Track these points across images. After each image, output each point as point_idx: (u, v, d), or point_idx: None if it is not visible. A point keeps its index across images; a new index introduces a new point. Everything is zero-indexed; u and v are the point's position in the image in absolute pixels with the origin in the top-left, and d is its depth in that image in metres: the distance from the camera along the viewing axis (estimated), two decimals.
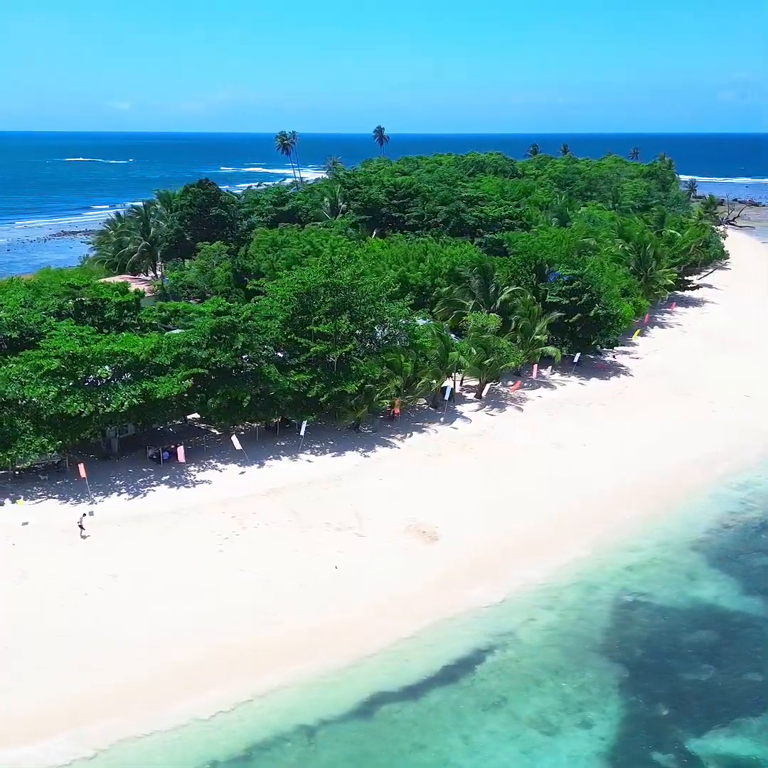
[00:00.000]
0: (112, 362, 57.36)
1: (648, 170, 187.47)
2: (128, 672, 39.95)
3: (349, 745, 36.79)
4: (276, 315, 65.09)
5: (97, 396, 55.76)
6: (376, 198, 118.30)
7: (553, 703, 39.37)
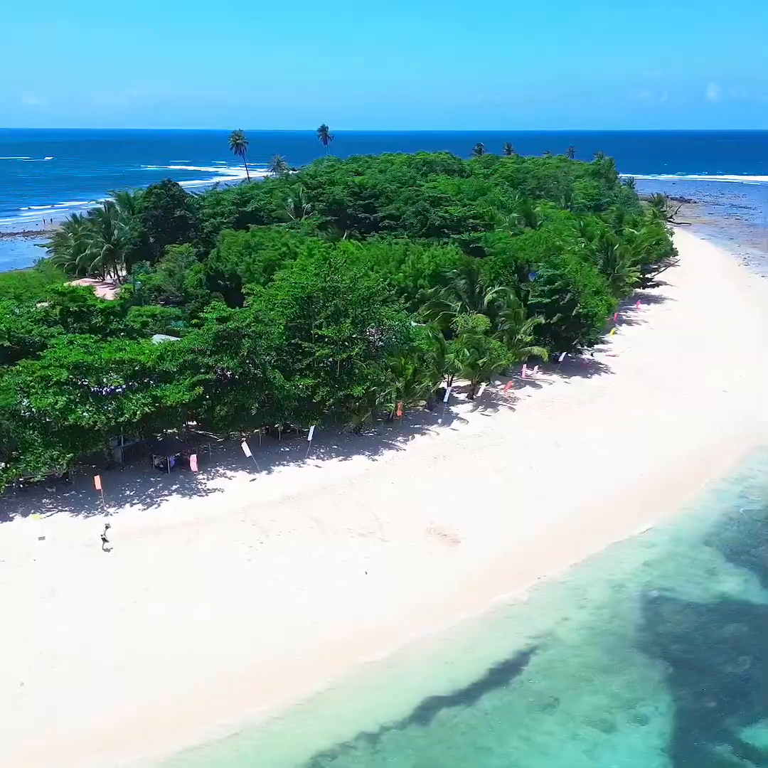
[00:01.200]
0: (120, 370, 56.28)
1: (593, 169, 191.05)
2: (180, 685, 39.59)
3: (415, 751, 36.98)
4: (276, 319, 64.66)
5: (108, 405, 54.75)
6: (341, 199, 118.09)
7: (605, 701, 40.13)
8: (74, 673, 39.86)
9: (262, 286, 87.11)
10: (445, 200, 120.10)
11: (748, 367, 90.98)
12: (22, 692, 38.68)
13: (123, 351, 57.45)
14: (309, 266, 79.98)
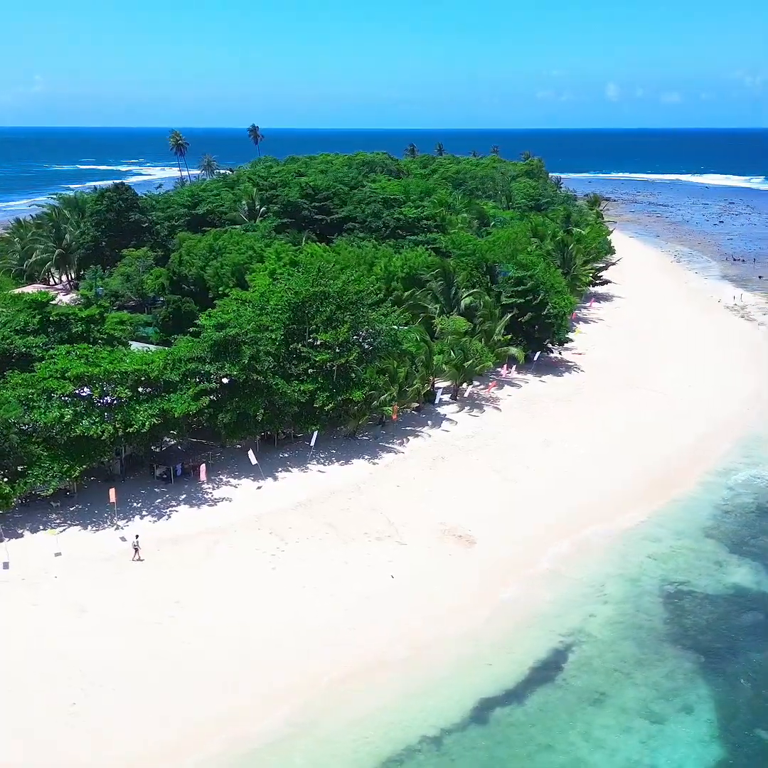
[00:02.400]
0: (125, 381, 55.26)
1: (526, 169, 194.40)
2: (235, 698, 39.29)
3: (479, 752, 37.56)
4: (270, 325, 64.27)
5: (115, 417, 53.78)
6: (295, 201, 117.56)
7: (649, 693, 41.34)
8: (121, 690, 39.23)
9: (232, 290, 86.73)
10: (396, 202, 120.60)
11: (705, 362, 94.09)
12: (75, 711, 37.96)
13: (123, 362, 56.38)
14: (279, 269, 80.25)
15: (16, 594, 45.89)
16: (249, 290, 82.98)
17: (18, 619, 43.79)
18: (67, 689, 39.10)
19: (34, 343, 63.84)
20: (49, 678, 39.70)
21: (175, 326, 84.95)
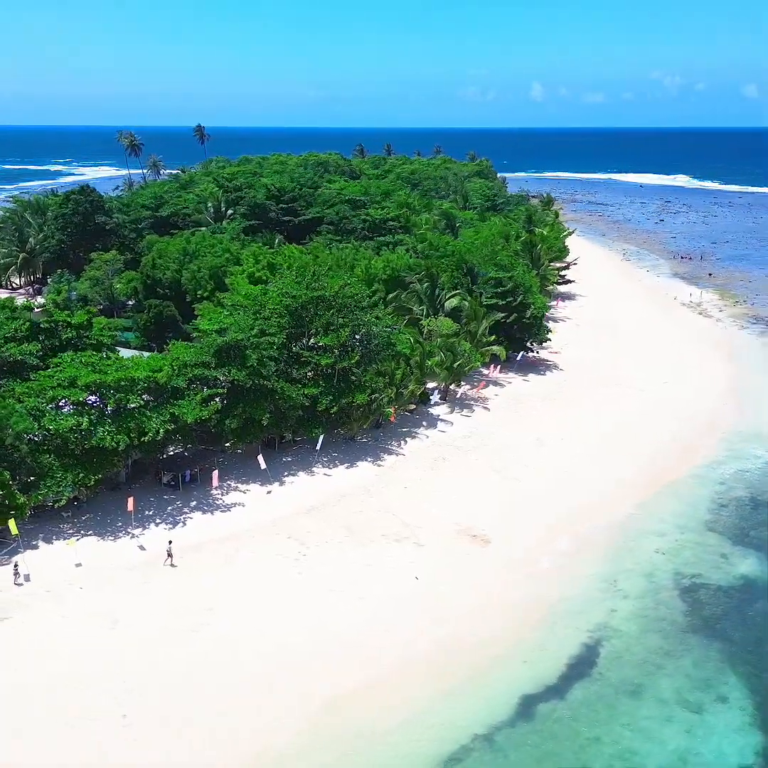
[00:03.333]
0: (135, 389, 54.65)
1: (477, 169, 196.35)
2: (283, 709, 39.37)
3: (531, 748, 38.32)
4: (270, 330, 63.99)
5: (128, 425, 53.17)
6: (262, 202, 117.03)
7: (682, 683, 42.62)
8: (167, 700, 39.07)
9: (211, 293, 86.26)
10: (362, 203, 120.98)
11: (674, 358, 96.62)
12: (127, 724, 37.64)
13: (131, 369, 55.74)
14: (258, 272, 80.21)
15: (43, 607, 45.24)
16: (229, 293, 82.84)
17: (51, 633, 43.21)
18: (116, 702, 38.74)
19: (28, 350, 62.66)
20: (96, 691, 39.26)
21: (157, 331, 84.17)
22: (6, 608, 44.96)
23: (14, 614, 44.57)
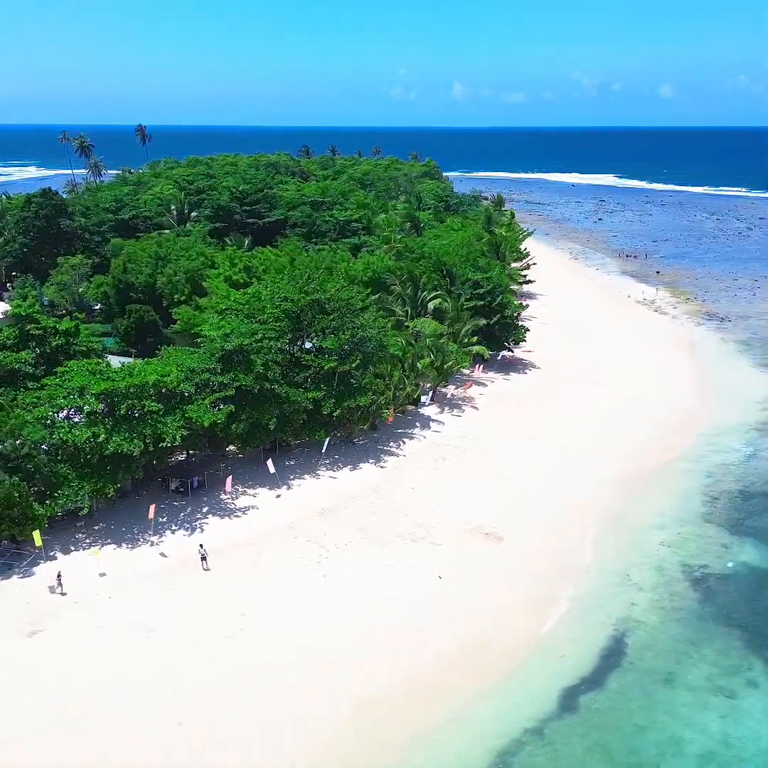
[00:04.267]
0: (147, 394, 54.25)
1: (425, 170, 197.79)
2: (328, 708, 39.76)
3: (580, 738, 39.45)
4: (267, 333, 64.02)
5: (143, 431, 52.81)
6: (227, 204, 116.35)
7: (711, 670, 44.25)
8: (218, 706, 39.19)
9: (188, 297, 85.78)
10: (324, 205, 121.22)
11: (640, 355, 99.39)
12: (182, 732, 37.64)
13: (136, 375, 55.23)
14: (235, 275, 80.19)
15: (76, 617, 44.88)
16: (208, 297, 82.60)
17: (89, 643, 42.95)
18: (169, 709, 38.72)
19: (23, 359, 61.76)
20: (150, 699, 39.18)
21: (138, 336, 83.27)
22: (36, 621, 44.46)
23: (47, 626, 44.15)
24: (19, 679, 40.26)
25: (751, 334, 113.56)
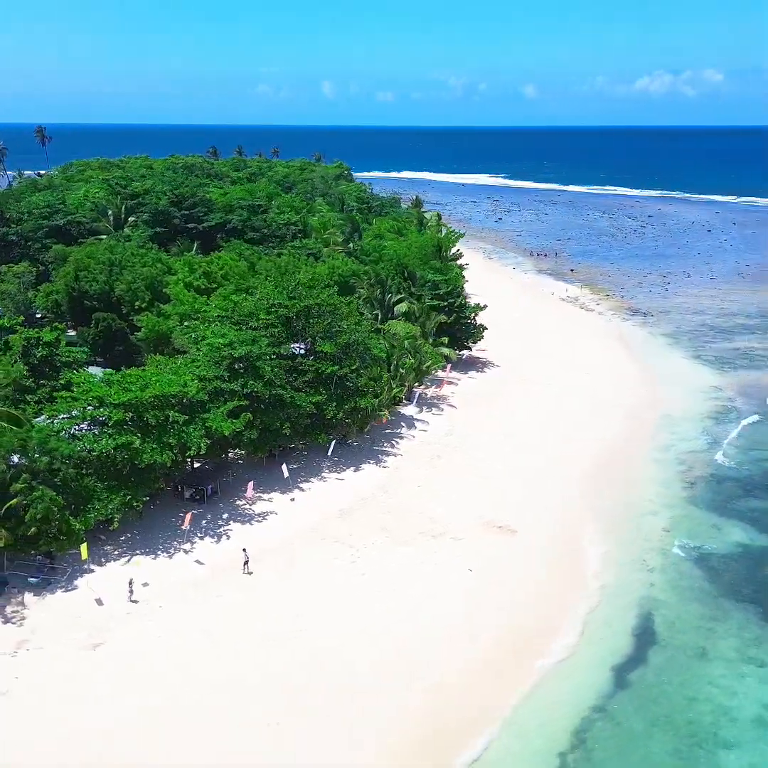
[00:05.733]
0: (167, 404, 54.28)
1: (339, 172, 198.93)
2: (405, 706, 41.26)
3: (641, 711, 42.26)
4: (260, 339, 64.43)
5: (169, 440, 52.87)
6: (165, 209, 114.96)
7: (738, 643, 47.77)
8: (306, 703, 40.26)
9: (149, 304, 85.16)
10: (261, 208, 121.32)
11: (582, 351, 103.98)
12: (279, 731, 38.52)
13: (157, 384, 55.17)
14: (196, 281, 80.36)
15: (133, 628, 45.08)
16: (171, 304, 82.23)
17: (156, 652, 43.28)
18: (261, 709, 39.48)
19: (19, 371, 60.63)
20: (242, 700, 39.87)
21: (105, 345, 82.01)
22: (94, 634, 44.48)
23: (107, 638, 44.25)
24: (91, 691, 40.32)
25: (675, 327, 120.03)
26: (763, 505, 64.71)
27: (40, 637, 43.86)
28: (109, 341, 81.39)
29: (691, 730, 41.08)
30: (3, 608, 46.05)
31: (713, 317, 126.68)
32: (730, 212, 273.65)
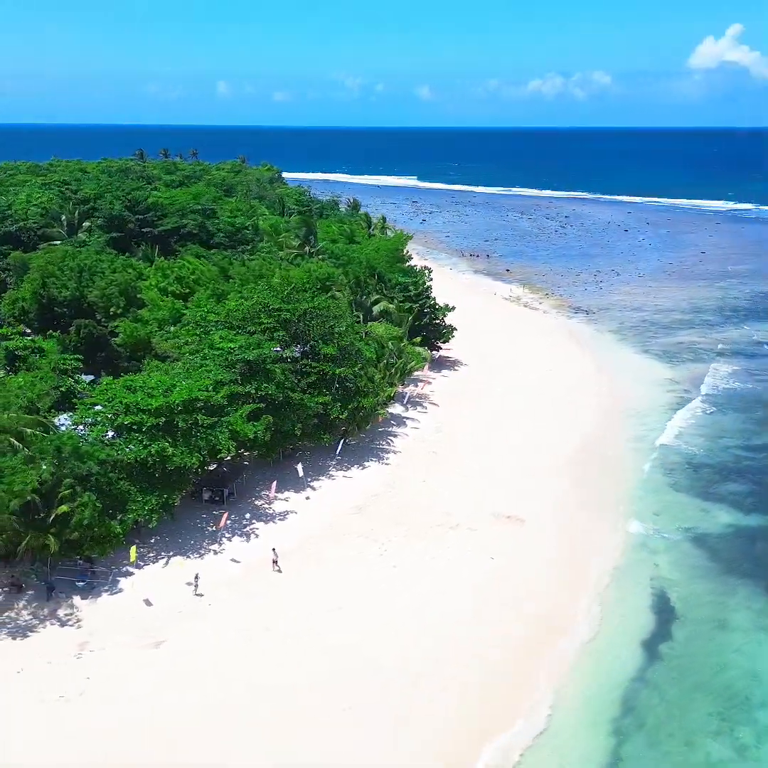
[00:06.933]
0: (194, 409, 55.24)
1: (270, 174, 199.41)
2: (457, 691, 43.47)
3: (679, 680, 45.48)
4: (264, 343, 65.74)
5: (199, 443, 53.94)
6: (120, 213, 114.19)
7: (750, 614, 51.55)
8: (369, 691, 42.09)
9: (124, 309, 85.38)
10: (213, 212, 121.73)
11: (539, 348, 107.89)
12: (354, 716, 40.29)
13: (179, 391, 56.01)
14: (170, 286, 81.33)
15: (190, 626, 46.38)
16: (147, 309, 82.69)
17: (219, 647, 44.61)
18: (334, 695, 41.12)
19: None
20: (308, 690, 41.52)
21: (87, 352, 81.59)
22: (152, 633, 45.31)
23: (165, 637, 45.17)
24: (160, 688, 41.43)
25: (618, 324, 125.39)
26: (740, 488, 69.17)
27: (100, 639, 44.59)
28: (92, 348, 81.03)
29: (727, 694, 44.46)
30: (55, 612, 46.53)
31: (651, 313, 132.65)
32: (641, 212, 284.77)
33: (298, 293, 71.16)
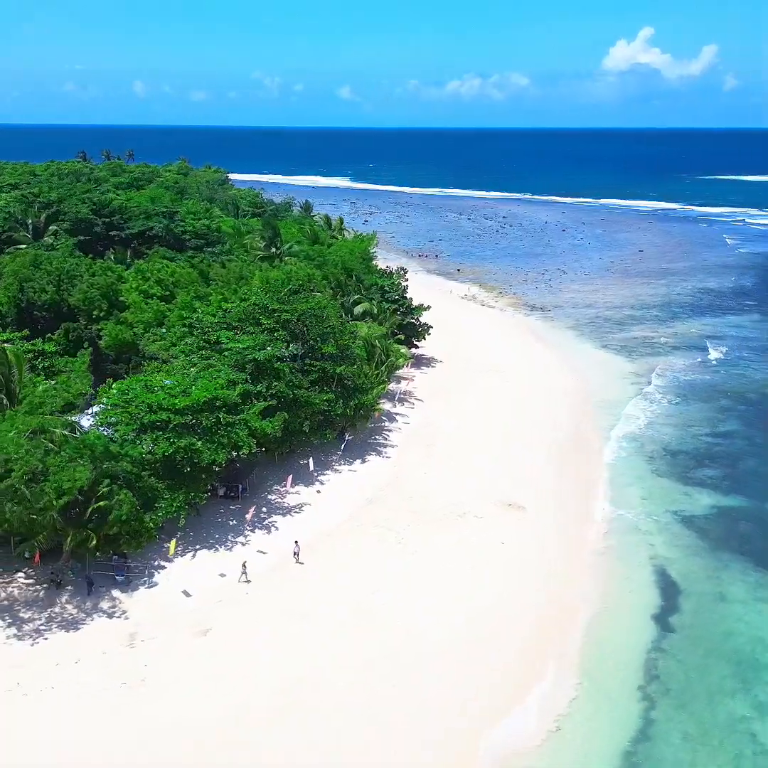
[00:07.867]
0: (215, 407, 56.93)
1: (217, 176, 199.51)
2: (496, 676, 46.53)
3: (694, 647, 48.93)
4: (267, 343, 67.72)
5: (222, 440, 55.65)
6: (86, 217, 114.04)
7: (745, 587, 55.16)
8: (417, 671, 44.65)
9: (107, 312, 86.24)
10: (177, 215, 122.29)
11: (503, 344, 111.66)
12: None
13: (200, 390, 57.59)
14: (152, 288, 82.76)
15: (231, 614, 48.33)
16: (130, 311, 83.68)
17: (265, 635, 46.65)
18: (378, 678, 43.64)
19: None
20: (361, 671, 43.91)
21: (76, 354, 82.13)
22: (200, 621, 47.13)
23: (210, 625, 47.02)
24: (213, 673, 43.28)
25: (574, 321, 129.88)
26: (715, 473, 73.36)
27: (148, 629, 46.18)
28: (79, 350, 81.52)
29: (738, 658, 48.09)
30: (98, 606, 47.90)
31: (603, 310, 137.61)
32: (574, 212, 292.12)
33: (294, 294, 72.88)
